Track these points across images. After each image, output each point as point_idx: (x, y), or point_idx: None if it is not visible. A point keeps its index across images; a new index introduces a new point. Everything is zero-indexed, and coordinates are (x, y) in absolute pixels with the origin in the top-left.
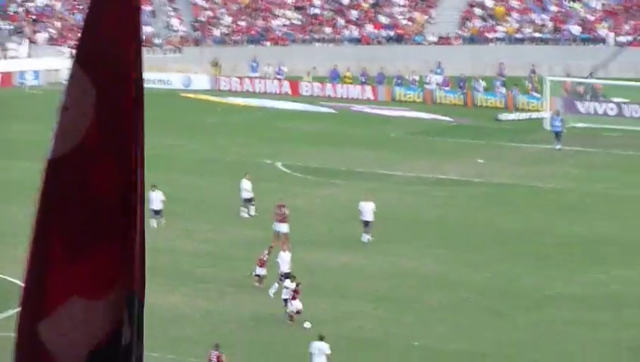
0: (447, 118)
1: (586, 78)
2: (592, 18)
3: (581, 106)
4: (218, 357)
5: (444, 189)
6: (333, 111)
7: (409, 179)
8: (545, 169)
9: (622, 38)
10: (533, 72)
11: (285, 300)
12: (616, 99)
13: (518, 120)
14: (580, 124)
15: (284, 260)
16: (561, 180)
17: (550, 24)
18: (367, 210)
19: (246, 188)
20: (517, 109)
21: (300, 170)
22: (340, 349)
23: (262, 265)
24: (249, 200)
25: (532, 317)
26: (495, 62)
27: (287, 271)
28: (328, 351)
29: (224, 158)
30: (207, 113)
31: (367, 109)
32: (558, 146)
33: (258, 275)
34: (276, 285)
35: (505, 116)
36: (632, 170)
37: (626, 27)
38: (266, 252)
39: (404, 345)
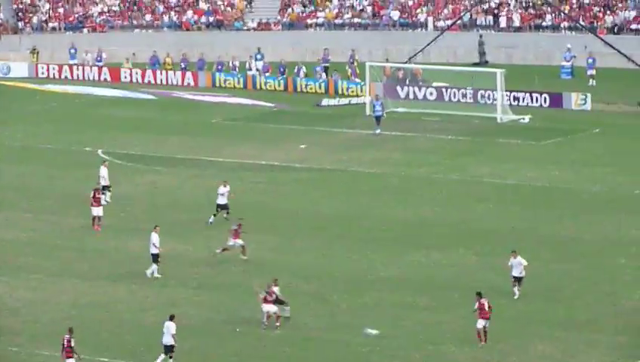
0: (268, 104)
1: (406, 62)
2: (411, 3)
3: (401, 91)
4: (68, 341)
5: (266, 175)
6: (153, 97)
7: (231, 165)
8: (366, 154)
9: (441, 23)
10: (353, 57)
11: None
12: (435, 84)
13: (339, 105)
14: (401, 109)
15: (153, 241)
16: (383, 165)
17: (369, 9)
18: (223, 192)
19: (103, 175)
20: (338, 95)
21: (121, 158)
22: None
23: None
24: (106, 188)
25: (355, 300)
26: (315, 48)
27: (156, 252)
28: (173, 331)
29: (44, 146)
30: (26, 101)
31: (187, 95)
32: (378, 131)
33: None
34: (153, 266)
35: (326, 102)
36: (451, 154)
37: (445, 12)
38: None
39: (226, 331)
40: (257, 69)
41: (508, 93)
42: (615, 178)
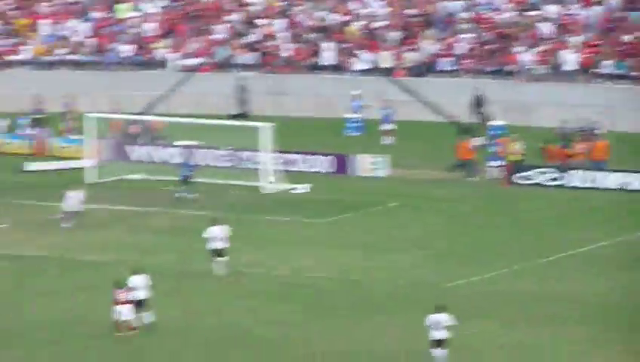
0: None
1: (140, 113)
2: (147, 35)
3: (134, 151)
4: None
5: None
6: None
7: None
8: (86, 236)
9: (187, 61)
10: (69, 106)
11: None
12: (180, 142)
13: (50, 170)
14: (134, 176)
15: None
16: (110, 250)
17: (91, 43)
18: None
19: None
20: (49, 156)
21: None
22: None
23: None
24: None
25: None
26: (18, 94)
27: None
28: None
29: None
30: None
31: None
32: (192, 195)
33: None
34: None
35: (33, 165)
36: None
37: (193, 46)
38: None
39: None
40: None
41: (277, 155)
42: (420, 266)
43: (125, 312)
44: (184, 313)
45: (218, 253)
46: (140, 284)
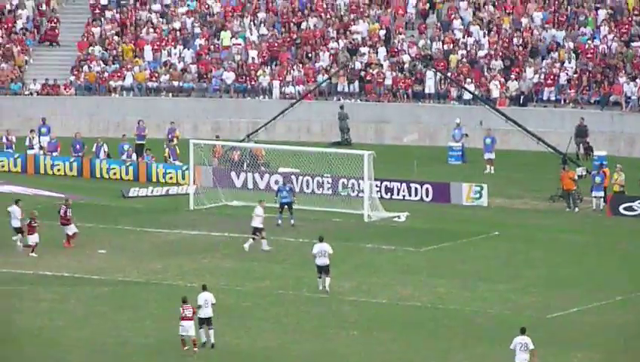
0: (56, 194)
1: (243, 140)
2: (251, 62)
3: (237, 179)
4: None
5: (52, 291)
6: None
7: (3, 277)
8: (189, 261)
9: (290, 89)
10: (173, 132)
11: None
12: (282, 170)
13: (153, 196)
14: (236, 202)
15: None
16: (212, 276)
17: (194, 69)
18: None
19: None
20: (151, 182)
21: None
22: None
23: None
24: None
25: None
26: (121, 120)
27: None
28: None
29: None
30: None
31: None
32: (292, 221)
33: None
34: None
35: (134, 191)
36: (302, 264)
37: (296, 74)
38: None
39: None
40: (42, 147)
41: (378, 183)
42: (520, 296)
43: (187, 328)
44: (281, 339)
45: (323, 270)
46: (205, 302)
